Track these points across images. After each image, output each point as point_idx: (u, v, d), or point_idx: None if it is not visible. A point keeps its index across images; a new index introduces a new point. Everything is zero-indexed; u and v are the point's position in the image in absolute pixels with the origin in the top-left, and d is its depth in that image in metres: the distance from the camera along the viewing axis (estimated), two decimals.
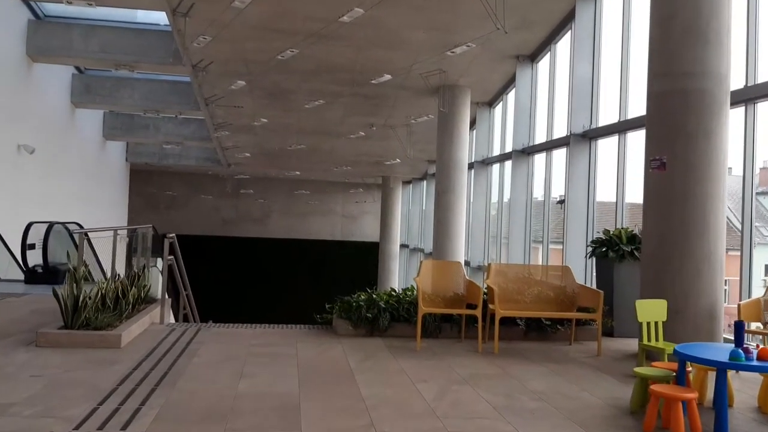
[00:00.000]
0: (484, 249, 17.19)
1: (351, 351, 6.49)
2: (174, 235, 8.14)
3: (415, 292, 7.76)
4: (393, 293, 7.68)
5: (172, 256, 7.80)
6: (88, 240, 11.83)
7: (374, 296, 7.48)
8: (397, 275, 25.75)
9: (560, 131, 12.97)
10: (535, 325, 7.41)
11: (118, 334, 6.23)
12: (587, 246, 9.45)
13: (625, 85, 10.59)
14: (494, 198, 17.13)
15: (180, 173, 29.15)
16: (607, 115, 11.34)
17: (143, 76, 18.70)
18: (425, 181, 24.88)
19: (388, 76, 12.81)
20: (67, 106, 18.28)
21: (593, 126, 11.49)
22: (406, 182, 27.63)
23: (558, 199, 13.05)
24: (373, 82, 13.18)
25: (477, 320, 6.81)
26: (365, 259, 28.51)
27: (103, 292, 6.92)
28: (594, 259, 8.27)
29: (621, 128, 10.53)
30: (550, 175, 13.51)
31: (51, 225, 11.17)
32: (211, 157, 24.95)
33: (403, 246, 26.82)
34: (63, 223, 12.05)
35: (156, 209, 29.73)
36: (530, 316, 7.21)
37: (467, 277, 7.22)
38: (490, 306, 6.88)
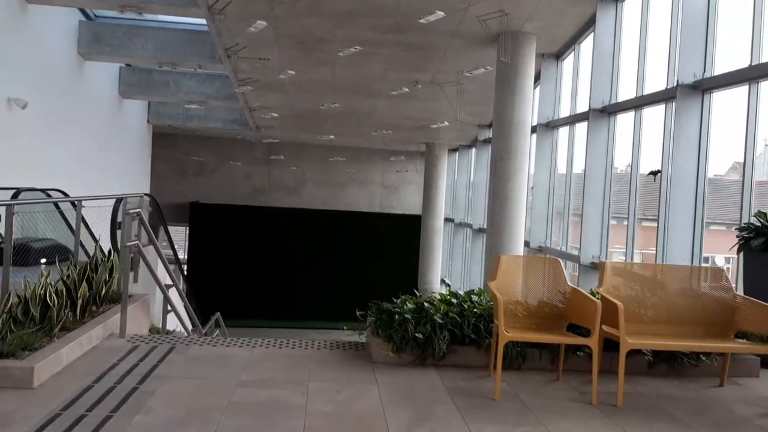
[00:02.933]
0: (547, 227, 14.66)
1: (393, 400, 4.16)
2: (139, 210, 5.86)
3: (485, 299, 5.37)
4: (453, 299, 5.30)
5: (137, 240, 5.55)
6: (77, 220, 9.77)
7: (426, 305, 5.12)
8: (440, 252, 23.34)
9: (656, 84, 10.33)
10: (667, 354, 4.97)
11: (28, 366, 4.00)
12: (694, 229, 6.94)
13: (759, 18, 7.92)
14: (561, 168, 14.54)
15: (207, 137, 27.03)
16: (728, 61, 8.69)
17: (158, 23, 16.46)
18: (474, 149, 22.28)
19: (440, 14, 10.26)
20: (73, 57, 16.16)
21: (708, 74, 8.85)
22: (453, 150, 25.05)
23: (651, 171, 10.44)
24: (421, 20, 10.62)
25: (583, 349, 4.44)
26: (406, 233, 26.12)
27: (36, 293, 4.72)
28: (742, 254, 5.75)
29: (751, 75, 7.89)
30: (639, 139, 10.90)
31: (18, 192, 9.04)
32: (239, 119, 22.74)
33: (447, 220, 24.35)
34: (43, 190, 9.95)
35: (183, 176, 27.75)
36: (678, 349, 4.78)
37: (570, 283, 4.78)
38: (606, 328, 4.45)
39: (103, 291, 5.68)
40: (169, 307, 6.59)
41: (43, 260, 8.31)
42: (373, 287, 26.03)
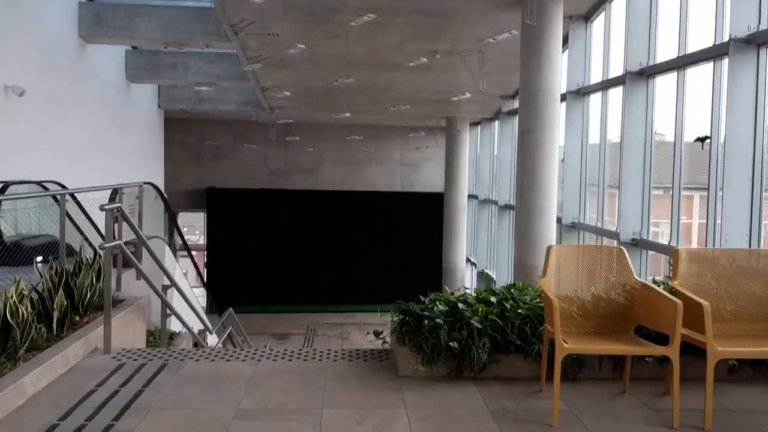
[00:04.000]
0: (580, 202, 13.73)
1: (425, 428, 3.37)
2: (119, 206, 5.06)
3: (529, 295, 4.54)
4: (491, 297, 4.47)
5: (119, 241, 4.76)
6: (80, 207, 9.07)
7: (461, 305, 4.30)
8: (464, 230, 22.44)
9: (701, 41, 9.34)
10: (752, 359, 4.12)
11: None
12: None
13: None
14: (592, 137, 13.56)
15: (221, 121, 26.29)
16: None
17: (161, 2, 15.67)
18: (497, 121, 21.27)
19: None
20: (74, 40, 15.41)
21: (765, 26, 7.85)
22: (474, 123, 24.02)
23: (699, 137, 9.47)
24: None
25: (652, 359, 3.61)
26: (429, 211, 25.25)
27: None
28: None
29: None
30: (683, 102, 9.91)
31: (6, 185, 8.33)
32: (251, 100, 21.93)
33: (471, 197, 23.42)
34: (39, 183, 9.25)
35: (199, 161, 27.07)
36: None
37: (637, 277, 3.92)
38: (685, 332, 3.60)
39: (87, 298, 4.94)
40: (169, 311, 5.85)
41: (39, 258, 7.63)
42: (396, 269, 25.50)
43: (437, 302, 4.39)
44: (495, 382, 4.07)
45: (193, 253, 29.93)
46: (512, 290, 4.64)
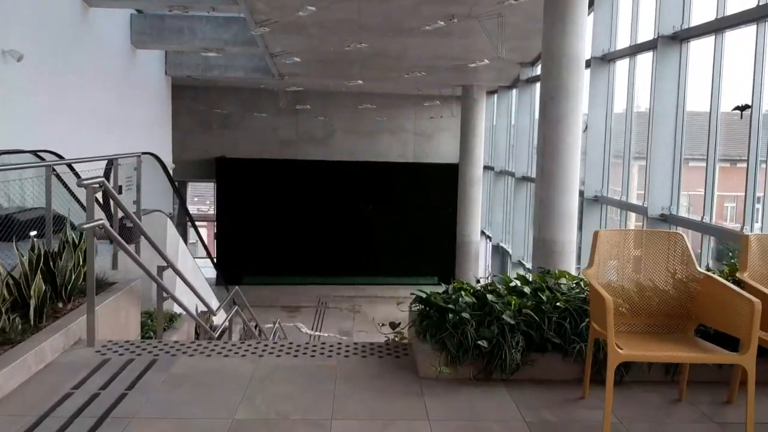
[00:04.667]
0: (603, 175, 13.09)
1: None
2: (102, 180, 4.52)
3: (566, 284, 4.00)
4: (525, 288, 3.92)
5: (101, 220, 4.21)
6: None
7: (490, 297, 3.76)
8: (479, 203, 21.79)
9: (741, 2, 8.64)
10: None
11: None
12: None
13: None
14: (617, 106, 12.87)
15: (230, 88, 25.63)
16: None
17: None
18: (515, 90, 20.51)
19: None
20: (76, 3, 14.79)
21: None
22: (491, 92, 23.22)
23: (738, 106, 8.80)
24: None
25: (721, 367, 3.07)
26: (442, 183, 24.58)
27: None
28: None
29: None
30: (720, 69, 9.23)
31: None
32: (260, 67, 21.23)
33: (487, 168, 22.73)
34: (34, 152, 8.73)
35: (208, 130, 26.46)
36: None
37: (697, 265, 3.36)
38: (761, 335, 3.04)
39: (72, 282, 4.44)
40: (165, 295, 5.34)
41: (33, 233, 7.16)
42: (409, 241, 24.98)
43: (462, 292, 3.85)
44: (529, 385, 3.54)
45: (205, 224, 29.63)
46: (546, 278, 4.09)
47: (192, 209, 36.39)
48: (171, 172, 24.80)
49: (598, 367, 3.43)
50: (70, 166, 8.01)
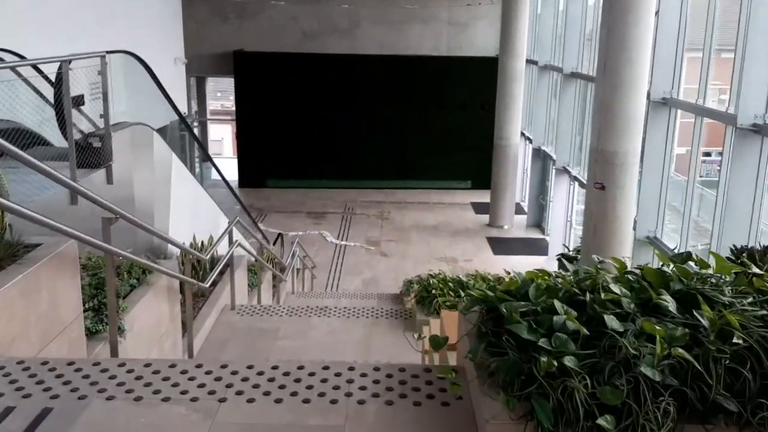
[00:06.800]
0: (674, 72, 11.03)
1: None
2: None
3: (726, 286, 2.35)
4: (663, 300, 2.29)
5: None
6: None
7: (613, 325, 2.15)
8: (521, 101, 19.68)
9: None
10: None
11: None
12: None
13: None
14: None
15: None
16: None
17: None
18: None
19: None
20: None
21: None
22: None
23: None
24: None
25: None
26: (479, 79, 22.40)
27: None
28: None
29: None
30: None
31: None
32: None
33: (530, 62, 20.45)
34: None
35: (225, 20, 24.35)
36: None
37: None
38: None
39: None
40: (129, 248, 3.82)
41: None
42: (441, 142, 23.12)
43: (554, 303, 2.24)
44: None
45: (230, 119, 27.97)
46: (695, 275, 2.46)
47: (215, 105, 34.76)
48: (184, 67, 23.14)
49: None
50: (35, 67, 6.45)
